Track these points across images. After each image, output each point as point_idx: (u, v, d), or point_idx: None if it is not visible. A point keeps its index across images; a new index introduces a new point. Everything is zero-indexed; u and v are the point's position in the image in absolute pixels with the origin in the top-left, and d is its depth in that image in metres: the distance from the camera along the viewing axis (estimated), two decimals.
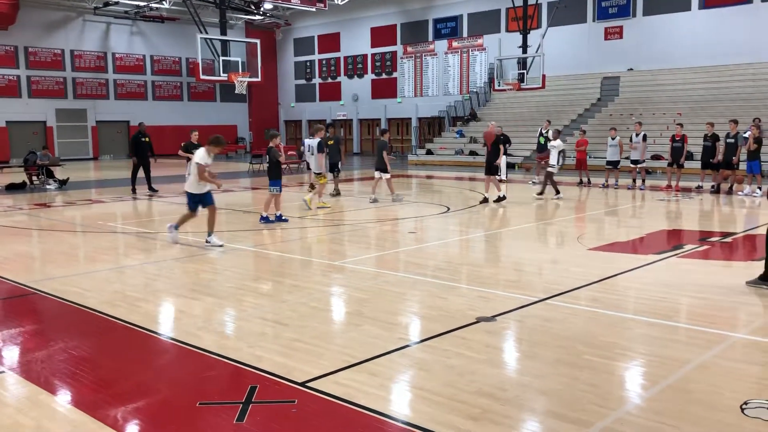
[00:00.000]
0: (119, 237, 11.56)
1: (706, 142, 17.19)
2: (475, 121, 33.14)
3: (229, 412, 4.13)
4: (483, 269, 8.48)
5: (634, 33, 29.72)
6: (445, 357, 5.10)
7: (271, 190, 12.25)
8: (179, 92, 41.13)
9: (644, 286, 7.40)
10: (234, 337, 5.86)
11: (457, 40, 36.22)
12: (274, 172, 12.21)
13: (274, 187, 12.20)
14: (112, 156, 38.09)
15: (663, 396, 4.39)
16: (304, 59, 44.07)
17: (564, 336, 5.59)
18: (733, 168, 16.77)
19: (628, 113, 27.42)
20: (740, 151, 16.73)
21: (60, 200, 17.04)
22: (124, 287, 7.60)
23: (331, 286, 7.66)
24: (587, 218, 13.58)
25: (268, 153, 12.54)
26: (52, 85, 35.87)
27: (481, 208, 14.55)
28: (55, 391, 4.59)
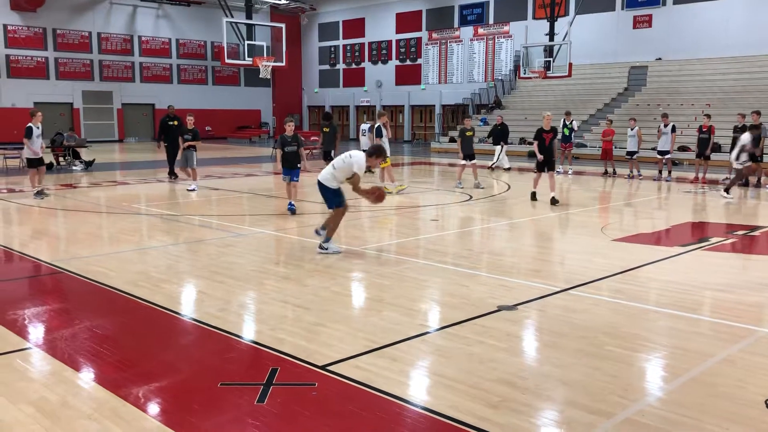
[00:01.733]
0: (143, 218, 11.67)
1: (736, 133, 16.88)
2: (500, 109, 32.88)
3: (250, 393, 4.16)
4: (505, 258, 8.43)
5: (664, 22, 29.22)
6: (466, 344, 5.09)
7: (283, 178, 11.82)
8: (204, 76, 41.30)
9: (668, 278, 7.30)
10: (255, 319, 5.90)
11: (483, 26, 35.90)
12: (282, 160, 11.60)
13: (284, 175, 11.72)
14: (137, 138, 38.42)
15: (686, 389, 4.34)
16: (329, 44, 43.99)
17: (586, 326, 5.55)
18: (756, 160, 16.48)
19: (655, 104, 27.04)
20: (764, 143, 16.43)
21: (85, 181, 17.24)
22: (147, 268, 7.68)
23: (352, 271, 7.67)
24: (611, 209, 13.44)
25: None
26: (79, 67, 36.22)
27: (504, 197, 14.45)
28: (79, 368, 4.66)
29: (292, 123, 11.82)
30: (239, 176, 18.21)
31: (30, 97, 34.07)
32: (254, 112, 42.88)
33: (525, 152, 27.70)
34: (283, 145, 11.50)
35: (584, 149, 25.86)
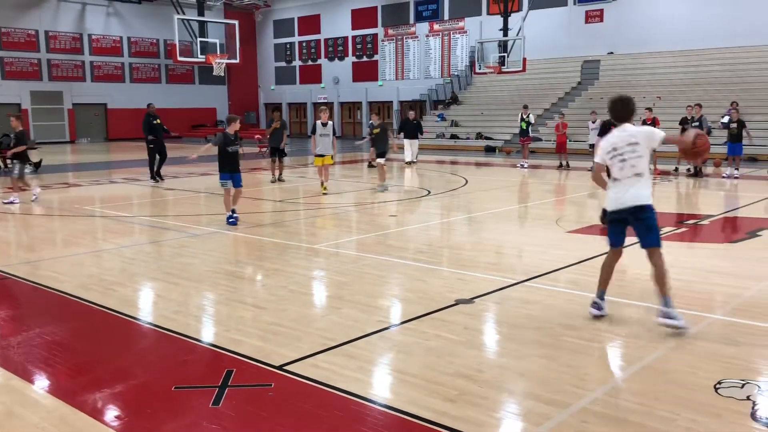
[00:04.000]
0: (96, 221, 11.41)
1: (684, 125, 17.31)
2: (456, 105, 33.09)
3: (205, 396, 4.09)
4: (463, 252, 8.48)
5: (615, 16, 29.76)
6: (424, 339, 5.10)
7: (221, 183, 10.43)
8: (157, 74, 40.57)
9: (622, 268, 7.41)
10: (212, 321, 5.81)
11: (438, 22, 36.05)
12: (222, 162, 10.29)
13: (222, 180, 10.35)
14: (89, 139, 37.56)
15: (640, 376, 4.42)
16: (284, 41, 43.65)
17: (542, 317, 5.61)
18: None
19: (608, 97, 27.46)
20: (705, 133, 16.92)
21: (35, 183, 16.76)
22: (100, 271, 7.50)
23: (310, 269, 7.62)
24: (567, 201, 13.64)
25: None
26: (27, 67, 35.22)
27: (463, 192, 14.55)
28: (28, 376, 4.52)
29: (237, 121, 10.39)
30: (194, 176, 17.94)
31: None
32: (209, 110, 42.32)
33: (482, 147, 27.96)
34: (226, 144, 10.14)
35: (539, 143, 26.19)
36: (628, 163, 5.28)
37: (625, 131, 5.38)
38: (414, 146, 21.64)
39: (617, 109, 5.54)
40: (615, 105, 5.57)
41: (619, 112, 5.51)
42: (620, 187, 5.33)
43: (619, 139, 5.34)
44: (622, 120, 5.49)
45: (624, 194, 5.30)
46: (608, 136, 5.48)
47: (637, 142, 5.30)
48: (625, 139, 5.32)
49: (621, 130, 5.42)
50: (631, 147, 5.30)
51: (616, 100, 5.60)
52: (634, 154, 5.28)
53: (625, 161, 5.28)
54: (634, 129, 5.40)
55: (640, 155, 5.29)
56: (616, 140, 5.36)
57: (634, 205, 5.27)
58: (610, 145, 5.38)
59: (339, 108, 41.00)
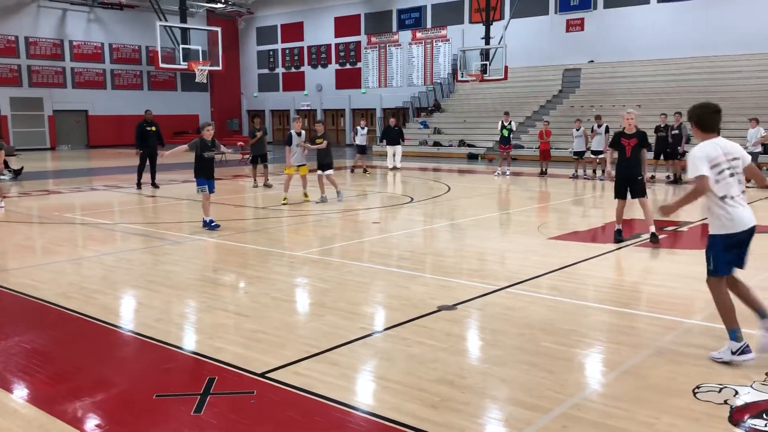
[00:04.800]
0: (76, 228, 11.31)
1: (659, 133, 17.57)
2: (439, 112, 33.23)
3: (186, 404, 4.07)
4: (446, 258, 8.51)
5: (595, 25, 30.11)
6: (406, 346, 5.11)
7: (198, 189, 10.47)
8: (139, 81, 40.37)
9: (603, 274, 7.51)
10: (194, 328, 5.79)
11: (421, 30, 36.22)
12: (198, 169, 10.38)
13: (200, 186, 10.38)
14: (70, 146, 37.24)
15: (619, 382, 4.46)
16: (267, 48, 43.62)
17: (524, 324, 5.64)
18: (677, 158, 17.19)
19: (588, 105, 27.79)
20: (684, 141, 17.20)
21: (14, 191, 16.61)
22: (80, 279, 7.44)
23: (293, 276, 7.61)
24: (549, 208, 13.73)
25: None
26: (6, 73, 34.87)
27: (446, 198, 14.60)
28: (7, 386, 4.47)
29: (211, 127, 10.49)
30: (176, 183, 17.86)
31: None
32: (192, 117, 42.09)
33: (464, 154, 28.08)
34: (202, 149, 10.20)
35: (521, 150, 26.37)
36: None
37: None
38: (397, 153, 21.93)
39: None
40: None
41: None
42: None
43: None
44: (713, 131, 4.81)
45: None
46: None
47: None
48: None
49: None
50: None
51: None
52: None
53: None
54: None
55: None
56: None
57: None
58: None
59: (322, 115, 40.99)
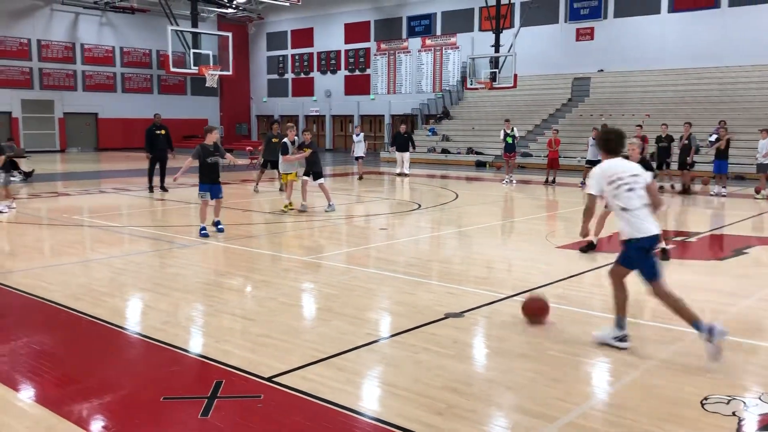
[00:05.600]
0: (85, 230, 11.37)
1: (661, 143, 17.55)
2: (448, 119, 33.27)
3: (194, 407, 4.09)
4: (453, 266, 8.51)
5: (605, 34, 30.09)
6: (413, 352, 5.12)
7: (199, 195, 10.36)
8: (149, 85, 40.59)
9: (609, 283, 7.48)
10: (201, 332, 5.81)
11: (430, 38, 36.30)
12: (200, 174, 10.26)
13: (201, 192, 10.29)
14: (80, 148, 37.45)
15: (626, 391, 4.45)
16: (277, 54, 43.79)
17: (530, 332, 5.64)
18: (686, 168, 17.15)
19: (598, 114, 27.76)
20: (693, 152, 17.16)
21: (25, 192, 16.71)
22: (89, 281, 7.48)
23: (300, 281, 7.63)
24: (557, 216, 13.71)
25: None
26: (18, 75, 35.12)
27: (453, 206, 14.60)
28: (16, 386, 4.50)
29: (215, 131, 10.43)
30: (185, 186, 17.93)
31: None
32: (201, 121, 42.12)
33: (473, 162, 28.08)
34: (205, 155, 10.10)
35: (530, 158, 26.35)
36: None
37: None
38: (405, 159, 22.07)
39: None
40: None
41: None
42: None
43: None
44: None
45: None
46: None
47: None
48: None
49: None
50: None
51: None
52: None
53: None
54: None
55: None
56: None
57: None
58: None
59: (331, 121, 41.12)
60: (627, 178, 5.25)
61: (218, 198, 10.39)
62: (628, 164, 5.42)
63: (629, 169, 5.34)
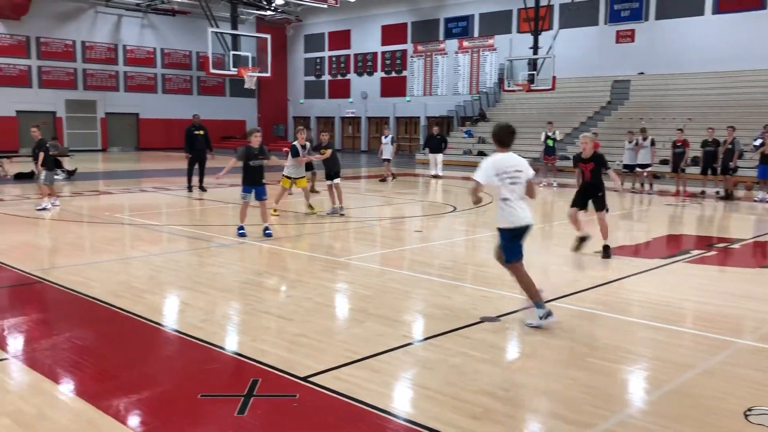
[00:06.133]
0: (126, 228, 11.59)
1: (707, 147, 17.17)
2: (484, 122, 33.08)
3: (230, 405, 4.12)
4: (488, 269, 8.44)
5: (646, 37, 29.60)
6: (448, 356, 5.09)
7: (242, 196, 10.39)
8: (189, 86, 41.22)
9: (650, 290, 7.36)
10: (238, 330, 5.87)
11: (467, 39, 36.15)
12: (243, 176, 10.32)
13: (243, 193, 10.36)
14: (121, 148, 38.20)
15: (666, 400, 4.36)
16: (314, 56, 44.07)
17: (567, 338, 5.57)
18: (729, 173, 16.76)
19: (638, 117, 27.31)
20: (737, 156, 16.77)
21: (67, 190, 17.10)
22: (129, 278, 7.62)
23: (336, 282, 7.66)
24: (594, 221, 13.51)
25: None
26: (63, 76, 35.99)
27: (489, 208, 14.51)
28: (57, 379, 4.61)
29: (258, 134, 10.39)
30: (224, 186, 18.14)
31: (12, 105, 33.81)
32: (239, 123, 42.80)
33: None
34: (249, 158, 10.10)
35: (568, 162, 26.03)
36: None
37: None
38: (438, 160, 22.12)
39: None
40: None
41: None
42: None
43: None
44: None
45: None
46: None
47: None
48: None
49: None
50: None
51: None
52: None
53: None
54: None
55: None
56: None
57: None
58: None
59: (366, 123, 41.22)
60: (512, 172, 5.84)
61: (262, 200, 10.35)
62: (516, 159, 5.95)
63: (516, 164, 5.90)
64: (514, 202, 5.85)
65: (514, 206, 5.85)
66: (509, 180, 5.81)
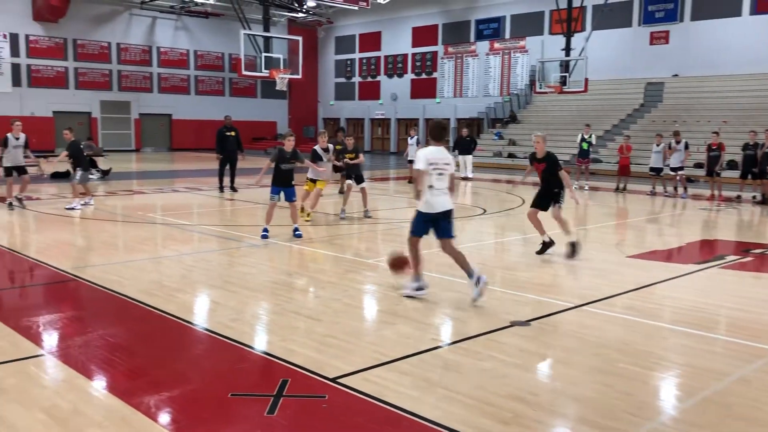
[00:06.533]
0: (158, 228, 11.74)
1: (747, 151, 16.80)
2: (515, 123, 32.87)
3: (260, 404, 4.15)
4: (518, 273, 8.39)
5: (681, 38, 29.14)
6: (478, 359, 5.06)
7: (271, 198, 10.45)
8: (221, 87, 41.65)
9: (683, 295, 7.24)
10: (267, 330, 5.91)
11: (499, 41, 35.96)
12: (273, 177, 10.41)
13: (271, 194, 10.42)
14: (154, 148, 38.74)
15: (700, 408, 4.29)
16: (345, 57, 44.22)
17: (599, 343, 5.50)
18: (766, 177, 16.38)
19: (671, 120, 26.90)
20: None
21: (102, 190, 17.40)
22: (161, 277, 7.72)
23: (364, 283, 7.67)
24: (627, 225, 13.35)
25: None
26: (98, 77, 36.62)
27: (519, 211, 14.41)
28: (91, 376, 4.68)
29: (292, 138, 10.47)
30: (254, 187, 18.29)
31: (49, 106, 34.48)
32: (270, 124, 43.12)
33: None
34: (280, 161, 10.25)
35: (599, 165, 25.75)
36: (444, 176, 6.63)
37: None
38: (468, 162, 22.11)
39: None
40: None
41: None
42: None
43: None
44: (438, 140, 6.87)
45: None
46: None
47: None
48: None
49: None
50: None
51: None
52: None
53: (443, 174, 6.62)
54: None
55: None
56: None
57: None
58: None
59: (396, 124, 41.22)
60: (442, 164, 6.66)
61: (291, 201, 10.42)
62: (445, 153, 6.78)
63: (444, 158, 6.73)
64: (437, 191, 6.64)
65: (436, 194, 6.64)
66: (437, 171, 6.61)
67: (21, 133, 13.30)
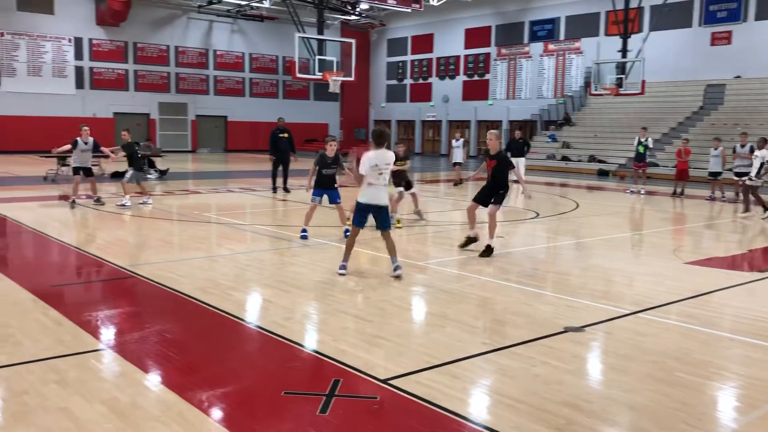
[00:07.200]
0: (213, 227, 11.98)
1: None
2: (569, 126, 32.38)
3: (312, 403, 4.19)
4: (572, 278, 8.26)
5: (744, 38, 28.20)
6: (530, 365, 5.00)
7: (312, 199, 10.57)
8: (275, 90, 42.22)
9: (743, 304, 7.01)
10: (319, 329, 5.96)
11: (553, 42, 35.49)
12: (316, 180, 10.55)
13: (313, 196, 10.57)
14: (210, 149, 39.53)
15: (763, 422, 4.14)
16: (397, 60, 44.30)
17: (655, 351, 5.37)
18: None
19: (732, 123, 26.07)
20: None
21: (159, 189, 17.83)
22: (215, 275, 7.87)
23: (414, 285, 7.66)
24: (685, 230, 13.00)
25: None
26: (157, 80, 37.58)
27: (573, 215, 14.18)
28: (148, 370, 4.81)
29: (334, 143, 10.47)
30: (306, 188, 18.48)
31: (110, 107, 35.53)
32: (322, 126, 43.48)
33: (595, 170, 27.19)
34: (322, 166, 10.40)
35: (656, 168, 25.14)
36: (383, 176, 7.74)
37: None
38: (521, 165, 21.71)
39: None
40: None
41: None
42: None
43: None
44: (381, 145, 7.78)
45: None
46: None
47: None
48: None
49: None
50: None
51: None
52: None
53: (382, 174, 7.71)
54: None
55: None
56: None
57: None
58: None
59: (447, 126, 41.08)
60: (383, 165, 7.74)
61: (336, 203, 10.54)
62: (390, 155, 7.86)
63: (387, 159, 7.81)
64: (376, 186, 7.75)
65: (375, 189, 7.76)
66: (379, 171, 7.71)
67: (90, 137, 13.79)
